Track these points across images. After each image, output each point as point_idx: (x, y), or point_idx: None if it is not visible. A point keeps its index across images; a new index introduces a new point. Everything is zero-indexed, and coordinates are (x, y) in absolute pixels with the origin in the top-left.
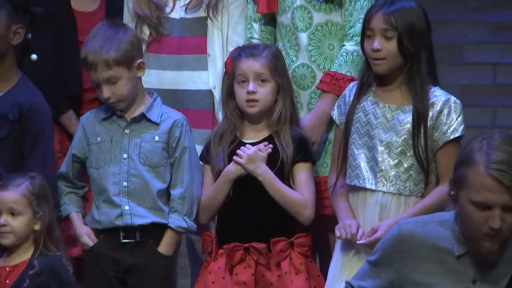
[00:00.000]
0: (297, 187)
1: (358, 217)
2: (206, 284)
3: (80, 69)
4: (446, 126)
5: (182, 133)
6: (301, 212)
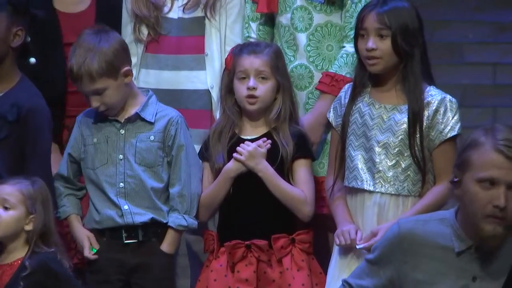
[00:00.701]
0: (296, 184)
1: (356, 218)
2: (208, 282)
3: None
4: (443, 125)
5: (178, 130)
6: (300, 208)
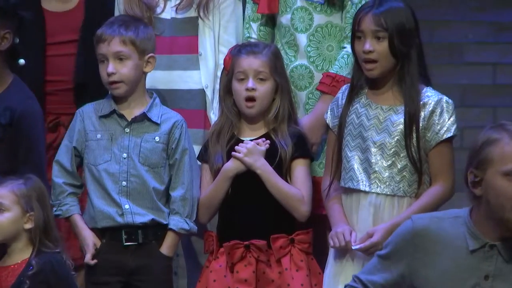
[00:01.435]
0: (294, 183)
1: (352, 219)
2: (208, 282)
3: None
4: (439, 126)
5: (182, 134)
6: (297, 207)
